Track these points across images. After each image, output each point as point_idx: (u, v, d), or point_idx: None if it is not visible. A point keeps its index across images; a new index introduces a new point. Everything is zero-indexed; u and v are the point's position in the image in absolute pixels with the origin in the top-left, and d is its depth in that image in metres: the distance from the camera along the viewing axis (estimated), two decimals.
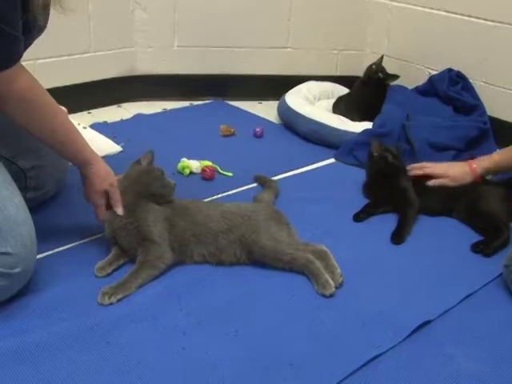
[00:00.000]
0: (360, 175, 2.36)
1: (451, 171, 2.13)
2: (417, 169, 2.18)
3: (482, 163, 2.12)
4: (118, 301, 1.56)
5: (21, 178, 1.82)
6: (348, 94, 3.03)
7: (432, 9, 2.97)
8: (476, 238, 1.97)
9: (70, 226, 1.90)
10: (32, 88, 1.54)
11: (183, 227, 1.74)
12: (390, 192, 2.13)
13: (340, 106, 2.92)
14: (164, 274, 1.69)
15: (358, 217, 2.06)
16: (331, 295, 1.61)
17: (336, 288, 1.64)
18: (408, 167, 2.20)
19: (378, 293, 1.67)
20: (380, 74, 2.92)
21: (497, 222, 1.96)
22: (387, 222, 2.04)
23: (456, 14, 2.86)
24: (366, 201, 2.16)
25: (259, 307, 1.58)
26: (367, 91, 2.92)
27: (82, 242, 1.84)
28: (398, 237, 1.95)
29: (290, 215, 1.90)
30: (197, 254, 1.73)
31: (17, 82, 1.48)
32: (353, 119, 2.75)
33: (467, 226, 2.05)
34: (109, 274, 1.67)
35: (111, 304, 1.54)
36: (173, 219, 1.74)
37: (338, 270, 1.68)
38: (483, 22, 2.74)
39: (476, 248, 1.88)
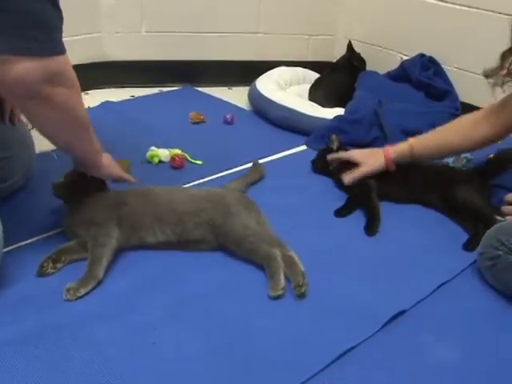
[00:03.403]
0: None
1: (366, 157, 2.12)
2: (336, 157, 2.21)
3: (397, 147, 2.10)
4: (88, 293, 1.52)
5: None
6: (325, 81, 3.00)
7: None
8: (451, 226, 1.97)
9: (37, 218, 1.85)
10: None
11: (137, 207, 1.72)
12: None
13: (318, 94, 2.90)
14: (133, 267, 1.65)
15: (339, 213, 2.02)
16: (275, 298, 1.55)
17: (298, 297, 1.56)
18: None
19: (352, 284, 1.65)
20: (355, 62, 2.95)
21: (487, 215, 1.93)
22: (360, 212, 2.02)
23: None
24: (335, 188, 2.16)
25: (233, 299, 1.55)
26: (341, 77, 2.92)
27: (49, 233, 1.79)
28: (369, 228, 1.93)
29: (261, 204, 1.87)
30: (160, 232, 1.71)
31: (70, 66, 1.45)
32: (331, 106, 2.73)
33: (446, 216, 2.04)
34: (56, 269, 1.62)
35: (80, 297, 1.50)
36: (121, 201, 1.73)
37: (301, 279, 1.58)
38: (456, 6, 2.73)
39: (469, 246, 1.84)
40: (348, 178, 2.09)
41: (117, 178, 1.81)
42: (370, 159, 2.11)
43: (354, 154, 2.17)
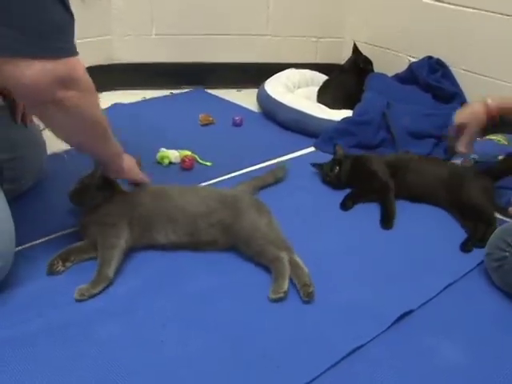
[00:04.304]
0: None
1: (469, 118, 2.04)
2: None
3: (502, 103, 1.99)
4: (98, 293, 1.53)
5: None
6: (332, 84, 3.01)
7: None
8: (459, 226, 1.97)
9: (48, 218, 1.87)
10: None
11: (150, 208, 1.73)
12: (364, 181, 2.15)
13: (326, 96, 2.91)
14: (143, 267, 1.67)
15: (345, 205, 2.06)
16: (275, 300, 1.55)
17: (306, 300, 1.55)
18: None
19: (359, 283, 1.66)
20: (361, 64, 2.96)
21: (488, 215, 1.95)
22: (366, 212, 2.04)
23: (436, 1, 2.85)
24: (345, 191, 2.16)
25: (240, 300, 1.56)
26: (349, 79, 2.93)
27: (60, 233, 1.81)
28: (385, 222, 1.96)
29: (270, 205, 1.87)
30: (172, 232, 1.72)
31: (83, 69, 1.44)
32: (339, 108, 2.74)
33: (450, 214, 2.05)
34: (66, 268, 1.64)
35: (91, 297, 1.52)
36: (135, 201, 1.74)
37: (307, 279, 1.59)
38: (464, 9, 2.73)
39: (466, 247, 1.85)
40: (463, 146, 2.02)
41: (137, 182, 1.83)
42: (473, 122, 2.01)
43: (461, 117, 2.07)
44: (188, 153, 2.32)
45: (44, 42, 1.32)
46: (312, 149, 2.57)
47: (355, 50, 3.02)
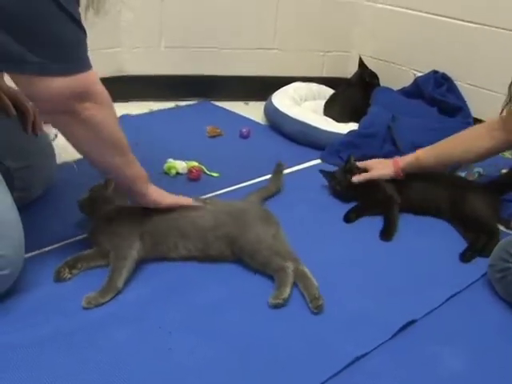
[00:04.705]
0: None
1: (376, 163, 2.21)
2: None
3: (405, 158, 2.17)
4: (106, 302, 1.54)
5: (7, 179, 1.79)
6: (339, 97, 3.03)
7: (417, 11, 2.99)
8: (462, 238, 1.99)
9: (57, 226, 1.88)
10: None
11: (161, 222, 1.74)
12: (369, 193, 2.16)
13: (333, 110, 2.93)
14: (150, 274, 1.68)
15: (349, 218, 2.07)
16: (274, 306, 1.57)
17: (316, 312, 1.56)
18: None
19: (362, 293, 1.67)
20: (367, 78, 2.98)
21: (491, 226, 1.97)
22: (371, 224, 2.05)
23: (441, 16, 2.88)
24: (350, 204, 2.17)
25: (247, 309, 1.57)
26: (355, 93, 2.95)
27: (67, 241, 1.82)
28: (385, 234, 1.98)
29: (275, 215, 1.89)
30: (182, 246, 1.73)
31: (98, 82, 1.48)
32: (345, 122, 2.77)
33: (452, 225, 2.06)
34: (73, 275, 1.65)
35: (98, 306, 1.53)
36: (146, 215, 1.74)
37: (316, 292, 1.60)
38: (469, 24, 2.75)
39: (464, 257, 1.87)
40: (356, 177, 2.16)
41: (167, 207, 1.76)
42: (379, 165, 2.18)
43: (367, 162, 2.23)
44: (195, 164, 2.34)
45: (63, 60, 1.36)
46: (318, 161, 2.59)
47: (361, 64, 3.04)
